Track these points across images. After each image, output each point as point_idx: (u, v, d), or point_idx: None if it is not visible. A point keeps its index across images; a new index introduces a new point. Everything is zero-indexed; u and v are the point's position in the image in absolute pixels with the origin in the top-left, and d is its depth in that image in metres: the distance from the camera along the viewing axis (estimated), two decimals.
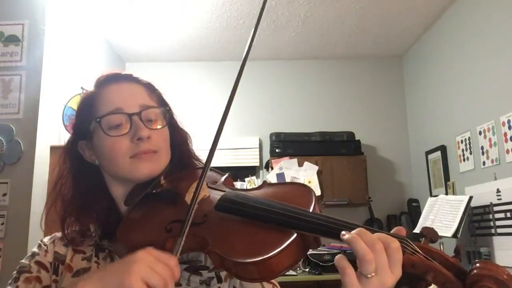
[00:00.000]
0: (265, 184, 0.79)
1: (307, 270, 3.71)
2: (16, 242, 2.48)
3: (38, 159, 2.64)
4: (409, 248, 0.59)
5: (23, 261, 0.83)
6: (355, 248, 0.56)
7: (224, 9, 3.74)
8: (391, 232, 0.61)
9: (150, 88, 0.87)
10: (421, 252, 0.59)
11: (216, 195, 0.75)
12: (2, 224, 2.52)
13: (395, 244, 0.57)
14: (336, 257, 0.58)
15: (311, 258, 3.62)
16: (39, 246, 0.86)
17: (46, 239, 0.88)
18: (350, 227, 0.60)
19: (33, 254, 0.84)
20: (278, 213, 0.65)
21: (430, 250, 0.60)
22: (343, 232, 0.59)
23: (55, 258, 0.83)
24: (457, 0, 3.64)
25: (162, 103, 0.88)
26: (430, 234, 0.62)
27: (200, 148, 0.94)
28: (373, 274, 0.55)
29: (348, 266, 0.56)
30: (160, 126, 0.83)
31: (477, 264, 0.58)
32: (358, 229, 0.58)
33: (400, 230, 0.61)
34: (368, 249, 0.55)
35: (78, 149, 0.85)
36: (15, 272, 0.81)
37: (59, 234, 0.88)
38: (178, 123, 0.91)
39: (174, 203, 0.78)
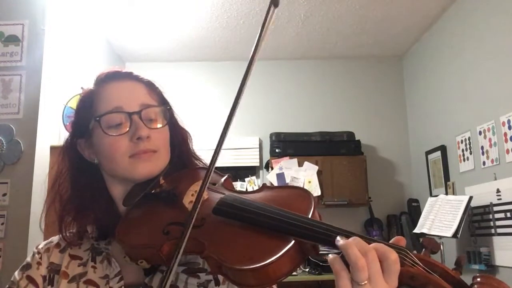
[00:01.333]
0: (264, 187, 0.78)
1: (307, 270, 3.71)
2: (16, 242, 2.48)
3: (38, 159, 2.64)
4: (408, 259, 0.58)
5: (15, 274, 0.83)
6: (347, 254, 0.55)
7: (224, 9, 3.73)
8: (390, 242, 0.60)
9: (150, 86, 0.86)
10: (421, 264, 0.58)
11: (215, 197, 0.74)
12: (2, 224, 2.51)
13: (393, 255, 0.56)
14: (330, 257, 0.57)
15: (311, 258, 3.62)
16: (33, 256, 0.85)
17: (41, 246, 0.87)
18: (348, 236, 0.60)
19: (26, 266, 0.83)
20: (276, 219, 0.64)
21: (430, 262, 0.59)
22: (338, 238, 0.58)
23: (50, 270, 0.82)
24: (457, 0, 3.64)
25: (163, 101, 0.86)
26: (430, 245, 0.61)
27: (199, 148, 0.93)
28: (365, 282, 0.54)
29: (343, 268, 0.56)
30: (160, 126, 0.82)
31: (478, 279, 0.56)
32: (353, 237, 0.58)
33: (400, 240, 0.60)
34: (360, 255, 0.55)
35: (77, 148, 0.84)
36: (7, 286, 0.81)
37: (55, 239, 0.87)
38: (179, 122, 0.90)
39: (173, 204, 0.77)
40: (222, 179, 0.82)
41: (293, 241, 0.61)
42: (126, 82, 0.84)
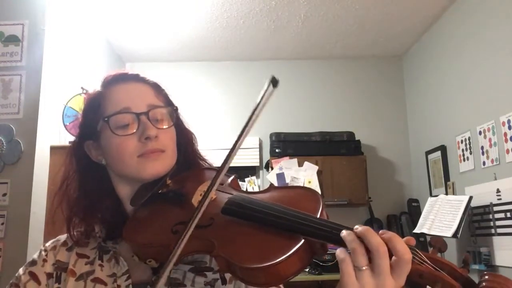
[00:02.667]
0: (271, 187, 0.79)
1: (307, 270, 3.70)
2: (16, 242, 2.47)
3: (38, 159, 2.63)
4: (417, 257, 0.59)
5: (20, 269, 0.84)
6: (345, 241, 0.57)
7: (224, 9, 3.73)
8: None
9: (157, 88, 0.87)
10: (429, 262, 0.58)
11: (223, 197, 0.74)
12: (2, 224, 2.51)
13: (408, 256, 0.56)
14: (337, 251, 0.58)
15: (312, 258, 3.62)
16: (40, 253, 0.86)
17: (48, 244, 0.87)
18: None
19: (32, 263, 0.84)
20: (285, 218, 0.65)
21: (438, 260, 0.59)
22: (343, 231, 0.59)
23: (56, 267, 0.83)
24: (457, 0, 3.64)
25: (169, 103, 0.88)
26: (438, 244, 0.62)
27: (200, 148, 0.94)
28: (365, 268, 0.56)
29: (346, 255, 0.58)
30: (167, 126, 0.83)
31: (486, 277, 0.57)
32: (366, 228, 0.58)
33: (410, 240, 0.61)
34: (357, 240, 0.57)
35: (85, 149, 0.85)
36: (11, 281, 0.82)
37: (62, 238, 0.88)
38: (184, 123, 0.91)
39: (181, 204, 0.78)
40: (229, 180, 0.83)
41: (303, 240, 0.62)
42: (133, 84, 0.85)
